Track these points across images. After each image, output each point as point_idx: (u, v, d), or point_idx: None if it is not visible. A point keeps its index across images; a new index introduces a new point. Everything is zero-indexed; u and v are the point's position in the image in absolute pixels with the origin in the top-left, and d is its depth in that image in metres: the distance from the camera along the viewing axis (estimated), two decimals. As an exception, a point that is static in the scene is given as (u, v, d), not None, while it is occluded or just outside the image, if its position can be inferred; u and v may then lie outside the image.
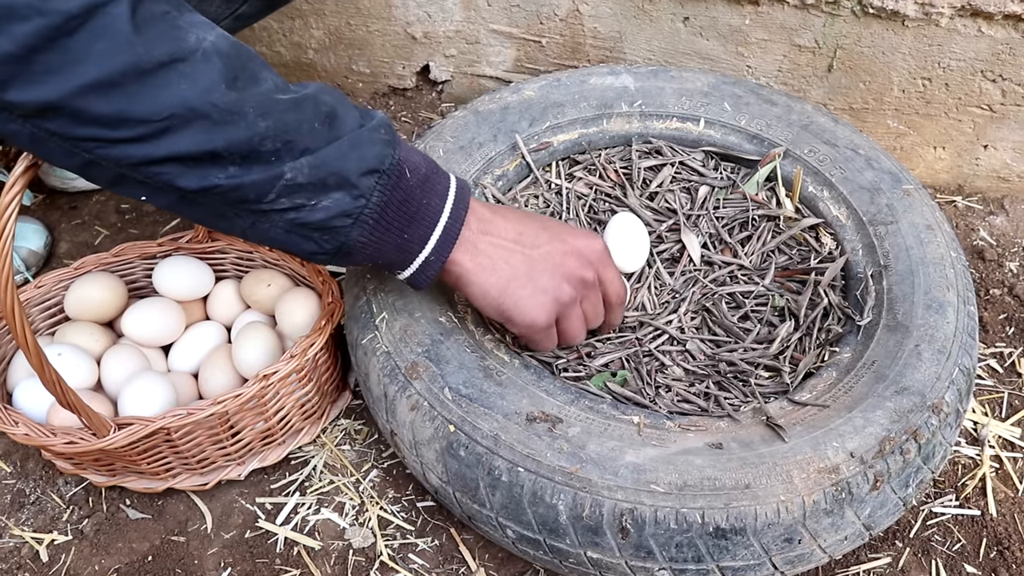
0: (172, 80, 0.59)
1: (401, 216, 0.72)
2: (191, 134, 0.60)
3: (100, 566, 0.94)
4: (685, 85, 1.14)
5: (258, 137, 0.63)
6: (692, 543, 0.75)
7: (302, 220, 0.68)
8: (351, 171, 0.67)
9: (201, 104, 0.60)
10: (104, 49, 0.56)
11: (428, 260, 0.75)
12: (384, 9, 1.36)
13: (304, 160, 0.65)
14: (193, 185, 0.63)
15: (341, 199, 0.68)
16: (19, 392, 0.98)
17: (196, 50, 0.60)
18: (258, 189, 0.65)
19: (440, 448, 0.81)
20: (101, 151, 0.60)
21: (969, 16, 1.14)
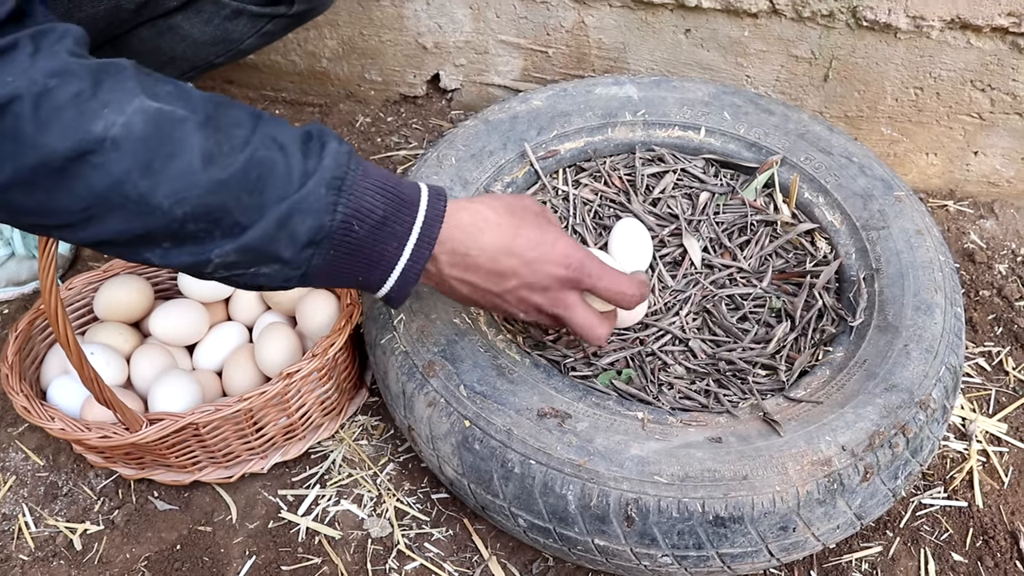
0: (84, 172, 0.58)
1: (351, 265, 0.69)
2: (112, 222, 0.60)
3: (131, 554, 0.99)
4: (686, 95, 1.19)
5: (177, 223, 0.61)
6: (693, 531, 0.79)
7: (245, 283, 0.68)
8: (282, 251, 0.65)
9: (114, 196, 0.59)
10: (12, 150, 0.56)
11: (389, 296, 0.74)
12: (396, 20, 1.40)
13: (229, 246, 0.63)
14: (134, 259, 0.65)
15: (279, 270, 0.67)
16: (53, 389, 1.02)
17: (104, 139, 0.57)
18: (193, 267, 0.65)
19: (456, 442, 0.85)
20: (51, 233, 0.64)
21: (959, 29, 1.19)
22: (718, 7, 1.25)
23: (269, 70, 1.54)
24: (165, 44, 1.05)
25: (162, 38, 1.04)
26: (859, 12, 1.20)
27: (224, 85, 1.57)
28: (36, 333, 1.07)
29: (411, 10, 1.38)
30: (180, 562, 0.98)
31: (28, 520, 1.02)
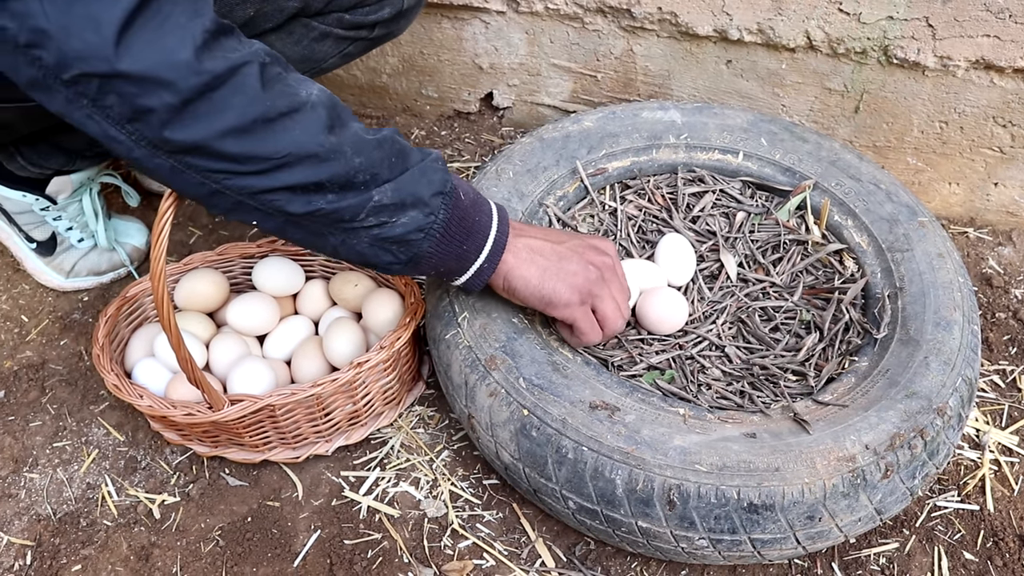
0: (289, 127, 0.73)
1: (460, 231, 0.86)
2: (301, 169, 0.74)
3: (205, 524, 1.08)
4: (726, 121, 1.28)
5: (353, 171, 0.77)
6: (728, 516, 0.88)
7: (384, 235, 0.82)
8: (423, 193, 0.82)
9: (312, 144, 0.74)
10: (241, 102, 0.70)
11: (481, 267, 0.90)
12: (455, 42, 1.50)
13: (387, 186, 0.80)
14: (299, 209, 0.77)
15: (416, 216, 0.82)
16: (138, 370, 1.12)
17: (306, 103, 0.74)
18: (352, 211, 0.79)
19: (514, 429, 0.94)
20: (228, 182, 0.73)
21: (983, 69, 1.27)
22: (758, 41, 1.34)
23: (331, 83, 1.64)
24: None
25: None
26: (890, 50, 1.28)
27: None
28: (122, 319, 1.16)
29: (470, 33, 1.48)
30: (251, 533, 1.07)
31: (111, 490, 1.12)
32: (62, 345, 1.29)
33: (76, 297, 1.36)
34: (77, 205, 1.32)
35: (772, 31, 1.31)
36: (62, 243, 1.34)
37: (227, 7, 1.02)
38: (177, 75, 0.66)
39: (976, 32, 1.22)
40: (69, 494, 1.11)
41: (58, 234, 1.33)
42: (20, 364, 1.26)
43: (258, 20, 1.06)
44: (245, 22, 1.04)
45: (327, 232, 0.81)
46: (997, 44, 1.23)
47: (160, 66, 0.65)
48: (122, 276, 1.39)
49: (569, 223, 1.19)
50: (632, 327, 1.11)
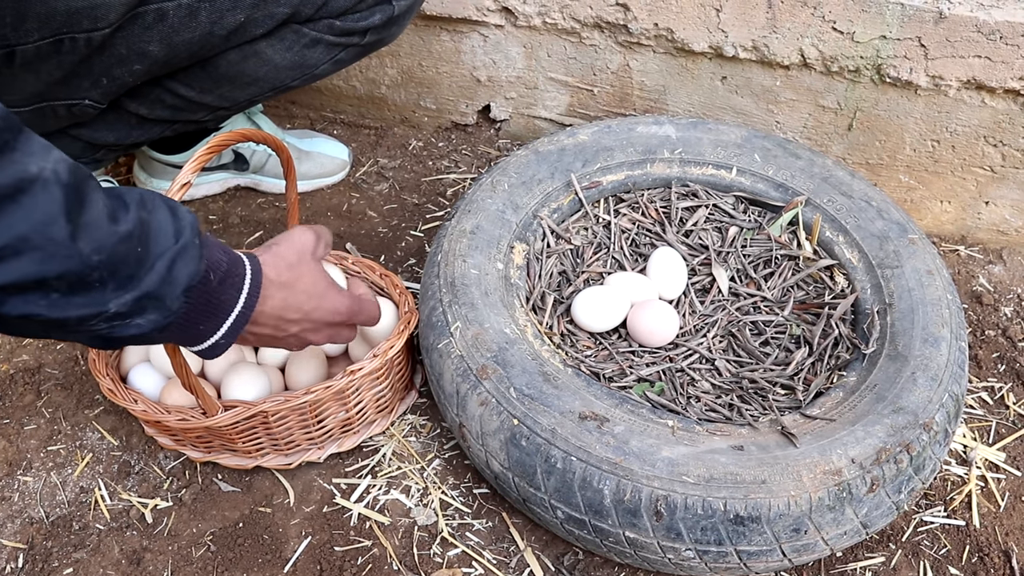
0: (10, 211, 0.56)
1: (202, 314, 0.75)
2: (20, 265, 0.58)
3: (197, 529, 1.09)
4: (721, 137, 1.30)
5: (88, 268, 0.61)
6: (715, 528, 0.88)
7: (114, 335, 0.69)
8: (167, 294, 0.69)
9: (37, 237, 0.58)
10: None
11: (219, 343, 0.80)
12: (454, 54, 1.52)
13: (128, 296, 0.66)
14: (13, 312, 0.61)
15: (155, 318, 0.70)
16: (133, 375, 1.13)
17: (36, 179, 0.57)
18: (79, 319, 0.64)
19: (504, 438, 0.95)
20: None
21: (974, 89, 1.29)
22: (753, 58, 1.35)
23: (330, 93, 1.65)
24: (249, 67, 1.15)
25: (247, 62, 1.15)
26: (883, 69, 1.30)
27: (288, 105, 1.69)
28: (119, 324, 1.17)
29: (468, 46, 1.50)
30: (242, 538, 1.08)
31: (104, 494, 1.12)
32: (58, 349, 1.30)
33: (73, 302, 1.37)
34: (74, 211, 1.32)
35: (767, 48, 1.33)
36: (59, 248, 1.34)
37: (217, 14, 1.03)
38: None
39: (968, 53, 1.24)
40: (62, 497, 1.12)
41: (55, 239, 1.33)
42: (16, 368, 1.27)
43: (248, 26, 1.07)
44: (235, 29, 1.06)
45: (47, 333, 0.67)
46: (988, 65, 1.24)
47: None
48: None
49: (563, 235, 1.21)
50: (623, 339, 1.12)
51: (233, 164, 1.52)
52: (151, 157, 1.47)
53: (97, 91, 1.07)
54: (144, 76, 1.08)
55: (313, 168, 1.54)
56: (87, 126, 1.15)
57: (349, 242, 1.46)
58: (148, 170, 1.49)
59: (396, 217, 1.51)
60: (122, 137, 1.20)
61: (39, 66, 0.99)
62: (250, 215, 1.52)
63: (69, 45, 0.98)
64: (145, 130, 1.21)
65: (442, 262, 1.10)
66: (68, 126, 1.14)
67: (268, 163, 1.52)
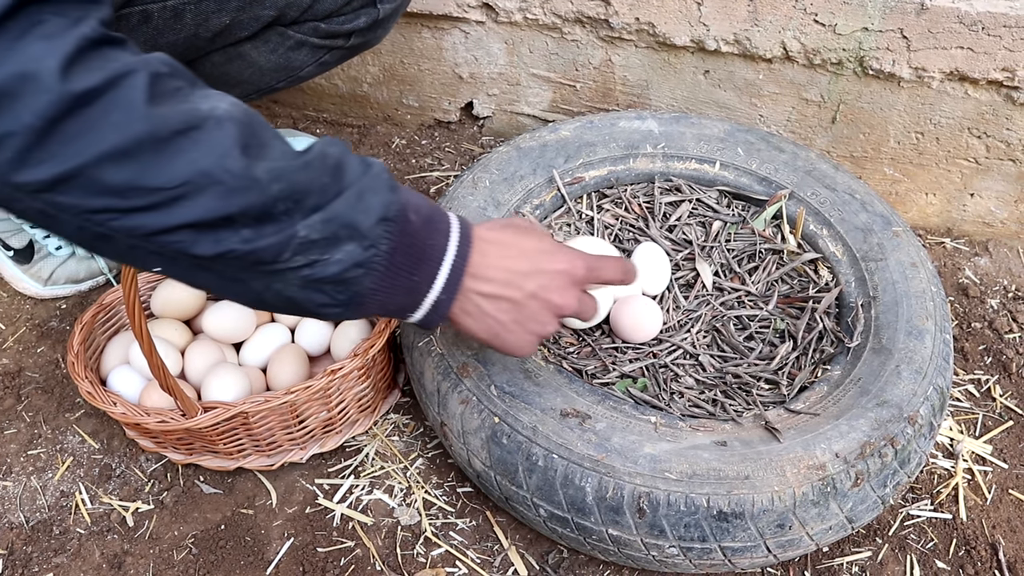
0: (187, 149, 0.58)
1: (409, 258, 0.72)
2: (204, 201, 0.60)
3: (179, 532, 1.08)
4: (704, 131, 1.29)
5: (271, 200, 0.62)
6: (698, 524, 0.88)
7: (316, 275, 0.67)
8: (361, 222, 0.67)
9: (216, 171, 0.59)
10: (120, 120, 0.56)
11: (439, 300, 0.76)
12: (435, 51, 1.51)
13: (315, 217, 0.65)
14: (208, 251, 0.62)
15: (353, 250, 0.68)
16: (113, 377, 1.12)
17: (209, 117, 0.60)
18: (273, 251, 0.64)
19: (485, 437, 0.94)
20: (114, 223, 0.59)
21: (957, 80, 1.28)
22: (736, 52, 1.35)
23: (312, 92, 1.64)
24: (233, 69, 1.14)
25: (231, 64, 1.14)
26: (865, 62, 1.29)
27: (270, 104, 1.68)
28: (98, 326, 1.16)
29: (450, 42, 1.49)
30: (224, 540, 1.07)
31: (84, 497, 1.11)
32: (39, 353, 1.29)
33: (54, 305, 1.36)
34: (55, 212, 1.31)
35: (749, 42, 1.32)
36: (40, 251, 1.34)
37: (202, 16, 1.02)
38: (38, 89, 0.54)
39: (950, 44, 1.23)
40: (43, 502, 1.11)
41: (36, 242, 1.33)
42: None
43: (234, 29, 1.06)
44: (220, 31, 1.05)
45: (246, 278, 0.67)
46: (971, 56, 1.24)
47: (16, 78, 0.53)
48: (100, 284, 1.39)
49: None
50: (606, 335, 1.11)
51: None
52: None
53: None
54: None
55: None
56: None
57: (332, 241, 1.45)
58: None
59: (379, 216, 1.50)
60: None
61: None
62: (232, 215, 1.50)
63: None
64: None
65: (423, 260, 1.09)
66: None
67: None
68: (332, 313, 0.72)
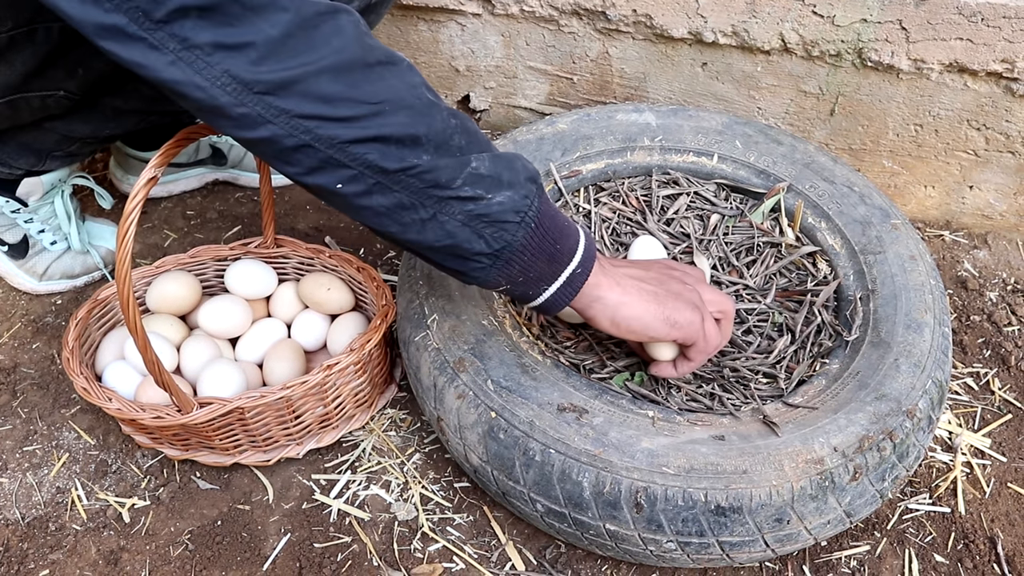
0: (387, 76, 0.70)
1: (553, 227, 0.80)
2: (398, 120, 0.70)
3: (175, 528, 1.08)
4: (701, 124, 1.28)
5: (450, 130, 0.74)
6: (696, 519, 0.87)
7: (479, 211, 0.75)
8: (519, 172, 0.78)
9: (409, 96, 0.71)
10: (339, 44, 0.67)
11: (575, 273, 0.83)
12: (432, 44, 1.50)
13: (485, 155, 0.76)
14: (394, 165, 0.71)
15: (512, 196, 0.76)
16: (108, 373, 1.11)
17: (403, 61, 0.73)
18: (449, 173, 0.73)
19: (482, 432, 0.94)
20: (319, 130, 0.68)
21: (956, 72, 1.28)
22: (733, 44, 1.34)
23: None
24: None
25: None
26: (864, 53, 1.29)
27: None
28: (93, 322, 1.16)
29: (446, 35, 1.48)
30: (221, 536, 1.07)
31: (80, 494, 1.11)
32: (34, 349, 1.28)
33: (49, 300, 1.35)
34: (49, 207, 1.31)
35: (747, 33, 1.31)
36: (34, 246, 1.33)
37: None
38: (279, 7, 0.64)
39: (949, 35, 1.23)
40: (38, 498, 1.11)
41: (30, 237, 1.32)
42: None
43: None
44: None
45: (418, 203, 0.74)
46: (970, 47, 1.23)
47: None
48: (96, 279, 1.38)
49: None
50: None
51: (211, 159, 1.50)
52: (127, 154, 1.45)
53: (73, 82, 1.05)
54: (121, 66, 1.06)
55: None
56: (62, 118, 1.13)
57: (328, 236, 1.44)
58: (124, 167, 1.48)
59: (376, 210, 1.50)
60: (97, 129, 1.18)
61: (13, 56, 0.97)
62: (228, 210, 1.50)
63: (43, 34, 0.96)
64: (120, 122, 1.19)
65: (419, 254, 1.08)
66: (42, 118, 1.12)
67: (246, 158, 1.50)
68: (481, 265, 0.79)
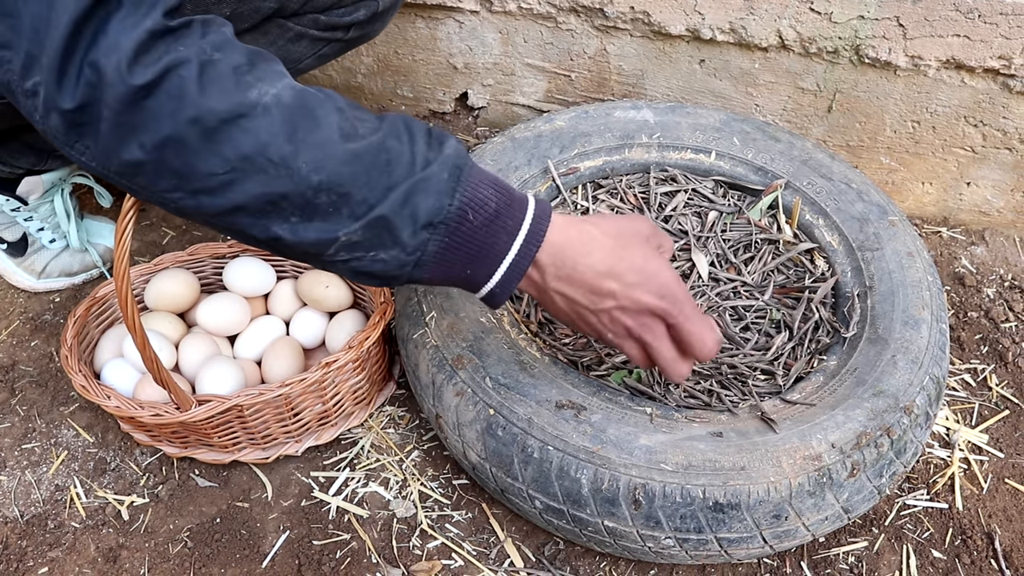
0: (233, 135, 0.62)
1: (462, 256, 0.72)
2: (251, 186, 0.64)
3: (174, 525, 1.08)
4: (699, 120, 1.28)
5: (311, 191, 0.65)
6: (694, 515, 0.88)
7: (363, 269, 0.71)
8: (402, 229, 0.68)
9: (258, 158, 0.63)
10: (173, 109, 0.61)
11: (493, 292, 0.76)
12: (430, 42, 1.50)
13: (356, 224, 0.67)
14: (261, 235, 0.68)
15: (396, 255, 0.70)
16: (106, 371, 1.11)
17: (256, 105, 0.63)
18: (318, 245, 0.68)
19: (480, 429, 0.94)
20: (182, 203, 0.65)
21: (953, 68, 1.28)
22: (731, 40, 1.34)
23: (305, 83, 1.63)
24: None
25: None
26: (861, 50, 1.29)
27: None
28: (91, 319, 1.16)
29: (444, 33, 1.48)
30: (220, 534, 1.07)
31: (79, 491, 1.11)
32: (32, 346, 1.28)
33: (48, 298, 1.35)
34: (49, 206, 1.31)
35: (744, 30, 1.31)
36: (33, 244, 1.33)
37: (202, 8, 1.01)
38: (109, 84, 0.59)
39: (946, 32, 1.23)
40: (37, 496, 1.11)
41: (29, 235, 1.32)
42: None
43: (234, 20, 1.06)
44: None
45: (304, 260, 0.73)
46: (967, 44, 1.23)
47: (93, 72, 0.60)
48: (94, 277, 1.38)
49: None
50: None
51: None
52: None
53: None
54: None
55: None
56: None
57: (327, 233, 1.44)
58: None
59: (374, 207, 1.50)
60: None
61: None
62: (226, 207, 1.50)
63: None
64: None
65: (417, 251, 1.08)
66: None
67: (244, 154, 1.50)
68: (393, 285, 0.75)
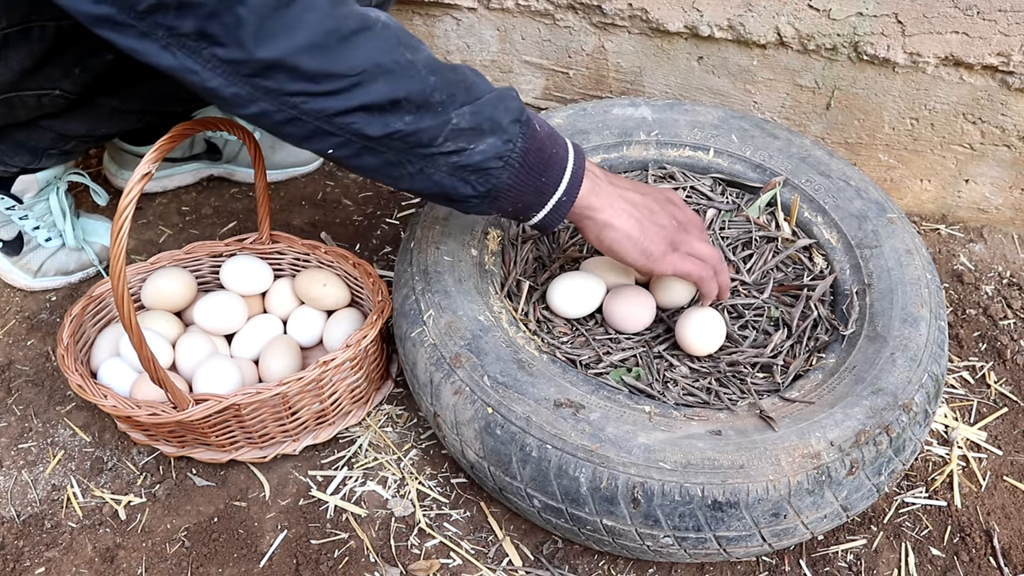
0: (362, 43, 0.73)
1: (539, 162, 0.85)
2: (378, 87, 0.74)
3: (171, 525, 1.07)
4: (697, 118, 1.28)
5: (429, 89, 0.77)
6: (693, 514, 0.87)
7: (463, 163, 0.81)
8: (501, 118, 0.82)
9: (386, 61, 0.74)
10: (313, 19, 0.70)
11: (560, 201, 0.89)
12: (427, 39, 1.49)
13: (465, 109, 0.79)
14: (378, 132, 0.77)
15: (494, 143, 0.82)
16: (103, 370, 1.11)
17: (377, 21, 0.75)
18: (430, 133, 0.78)
19: (479, 427, 0.94)
20: (306, 105, 0.73)
21: (952, 65, 1.27)
22: (729, 37, 1.34)
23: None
24: None
25: None
26: (860, 47, 1.29)
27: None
28: (88, 318, 1.15)
29: (441, 29, 1.47)
30: (217, 533, 1.06)
31: (76, 491, 1.11)
32: (29, 345, 1.28)
33: (44, 297, 1.35)
34: (44, 204, 1.30)
35: (742, 27, 1.31)
36: (29, 242, 1.32)
37: None
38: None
39: (945, 28, 1.22)
40: (34, 496, 1.10)
41: (25, 233, 1.32)
42: (-15, 365, 1.25)
43: None
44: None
45: (404, 160, 0.81)
46: (966, 41, 1.23)
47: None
48: (91, 276, 1.38)
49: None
50: (599, 325, 1.10)
51: (206, 154, 1.50)
52: (121, 149, 1.45)
53: (69, 81, 1.04)
54: (118, 66, 1.06)
55: (287, 157, 1.52)
56: (58, 117, 1.13)
57: (323, 231, 1.44)
58: (118, 162, 1.47)
59: (371, 205, 1.50)
60: (93, 128, 1.18)
61: (8, 54, 0.97)
62: (223, 205, 1.49)
63: (39, 33, 0.96)
64: (116, 122, 1.18)
65: (415, 249, 1.08)
66: (38, 117, 1.11)
67: (241, 153, 1.50)
68: (472, 204, 0.87)
